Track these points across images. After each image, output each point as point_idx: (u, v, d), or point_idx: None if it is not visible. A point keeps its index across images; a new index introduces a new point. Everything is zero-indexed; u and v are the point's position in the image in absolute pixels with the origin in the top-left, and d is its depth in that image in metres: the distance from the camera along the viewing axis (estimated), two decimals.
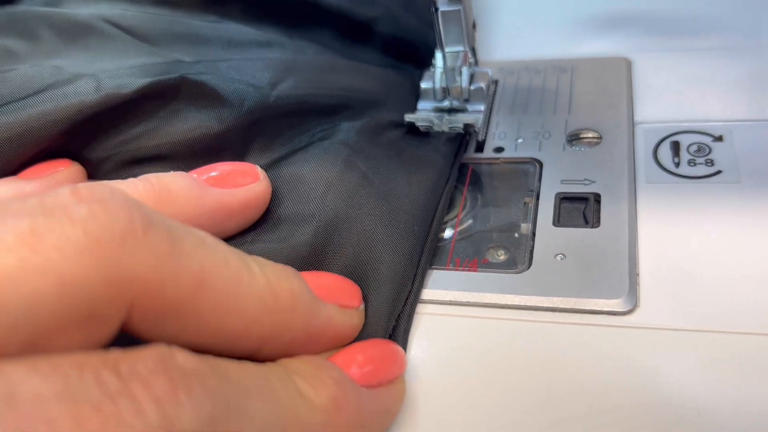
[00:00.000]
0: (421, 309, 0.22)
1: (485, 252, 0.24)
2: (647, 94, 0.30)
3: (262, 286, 0.16)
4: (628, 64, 0.32)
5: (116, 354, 0.12)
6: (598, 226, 0.24)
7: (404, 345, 0.21)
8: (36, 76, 0.23)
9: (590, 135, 0.28)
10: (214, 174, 0.21)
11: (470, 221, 0.26)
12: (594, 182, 0.25)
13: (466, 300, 0.22)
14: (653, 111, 0.29)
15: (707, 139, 0.26)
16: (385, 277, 0.21)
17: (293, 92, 0.25)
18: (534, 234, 0.24)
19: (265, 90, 0.24)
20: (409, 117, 0.28)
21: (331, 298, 0.19)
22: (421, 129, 0.28)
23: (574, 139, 0.28)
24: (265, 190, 0.22)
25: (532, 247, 0.23)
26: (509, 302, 0.22)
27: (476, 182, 0.27)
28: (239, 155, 0.24)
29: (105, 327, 0.13)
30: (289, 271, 0.17)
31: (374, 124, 0.27)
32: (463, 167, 0.28)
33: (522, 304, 0.22)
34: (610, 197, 0.25)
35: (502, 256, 0.24)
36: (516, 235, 0.24)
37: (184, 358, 0.13)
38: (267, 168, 0.24)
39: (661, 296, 0.21)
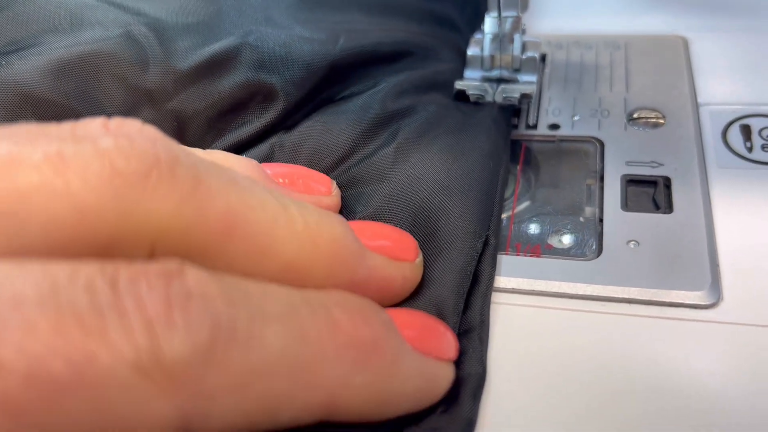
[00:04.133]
0: None
1: (548, 236, 0.22)
2: (708, 75, 0.28)
3: (300, 230, 0.14)
4: (684, 43, 0.30)
5: (117, 265, 0.11)
6: (671, 212, 0.22)
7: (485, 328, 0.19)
8: None
9: (652, 115, 0.26)
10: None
11: (527, 203, 0.23)
12: (662, 165, 0.23)
13: (530, 288, 0.20)
14: (717, 92, 0.27)
15: None
16: (448, 246, 0.19)
17: (356, 43, 0.25)
18: (601, 219, 0.22)
19: (328, 45, 0.24)
20: (459, 84, 0.26)
21: (380, 248, 0.17)
22: (472, 99, 0.26)
23: (635, 119, 0.26)
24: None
25: (601, 232, 0.21)
26: (580, 292, 0.20)
27: (531, 161, 0.25)
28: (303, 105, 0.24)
29: None
30: (333, 217, 0.16)
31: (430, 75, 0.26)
32: (515, 145, 0.26)
33: (594, 294, 0.20)
34: (680, 181, 0.23)
35: (567, 241, 0.22)
36: (581, 219, 0.22)
37: (194, 276, 0.12)
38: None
39: (745, 289, 0.19)
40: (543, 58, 0.30)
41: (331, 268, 0.15)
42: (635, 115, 0.26)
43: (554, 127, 0.26)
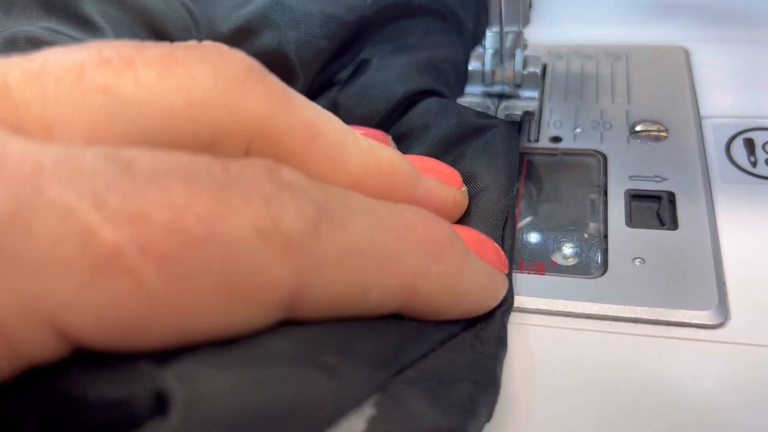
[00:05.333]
0: None
1: (552, 253, 0.22)
2: (711, 87, 0.28)
3: (365, 151, 0.16)
4: (686, 54, 0.30)
5: (225, 158, 0.12)
6: (676, 228, 0.21)
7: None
8: None
9: (655, 128, 0.26)
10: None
11: (529, 218, 0.23)
12: (666, 180, 0.23)
13: (535, 307, 0.20)
14: (720, 105, 0.27)
15: None
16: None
17: None
18: (606, 235, 0.22)
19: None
20: (461, 101, 0.25)
21: (431, 175, 0.19)
22: None
23: (637, 132, 0.26)
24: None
25: (606, 249, 0.21)
26: (585, 311, 0.19)
27: (533, 175, 0.25)
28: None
29: None
30: (389, 147, 0.18)
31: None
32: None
33: (600, 313, 0.19)
34: (685, 197, 0.22)
35: (571, 258, 0.21)
36: (585, 235, 0.22)
37: (289, 171, 0.13)
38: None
39: (752, 308, 0.19)
40: (543, 69, 0.30)
41: (392, 185, 0.17)
42: (638, 128, 0.26)
43: (556, 139, 0.26)
